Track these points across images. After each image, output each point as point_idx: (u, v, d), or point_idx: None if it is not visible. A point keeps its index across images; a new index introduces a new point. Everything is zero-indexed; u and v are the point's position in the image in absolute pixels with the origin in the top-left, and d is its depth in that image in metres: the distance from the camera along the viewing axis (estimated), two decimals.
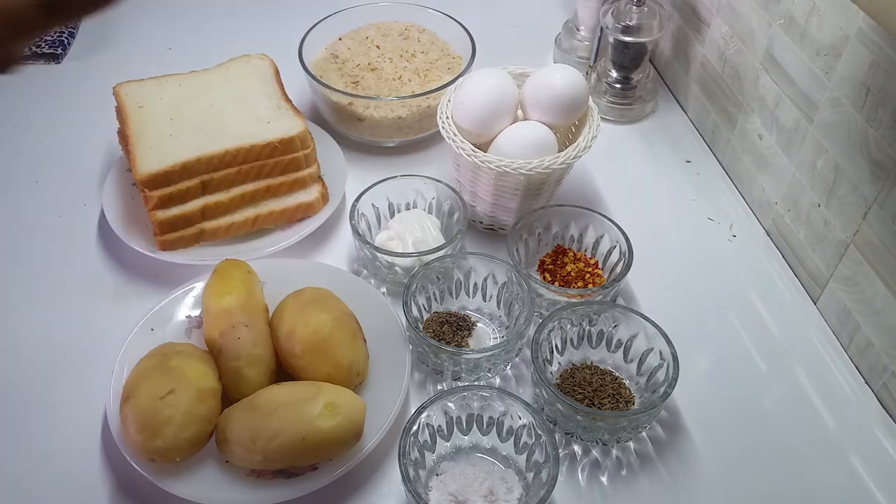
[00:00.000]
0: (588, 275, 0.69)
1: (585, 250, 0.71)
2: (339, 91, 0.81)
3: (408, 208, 0.74)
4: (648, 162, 0.85)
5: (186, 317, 0.65)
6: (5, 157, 0.83)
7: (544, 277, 0.69)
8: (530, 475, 0.55)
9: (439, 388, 0.63)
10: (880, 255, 0.60)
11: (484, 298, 0.68)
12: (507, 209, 0.72)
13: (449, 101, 0.72)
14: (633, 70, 0.87)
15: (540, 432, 0.54)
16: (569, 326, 0.63)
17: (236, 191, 0.71)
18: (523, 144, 0.68)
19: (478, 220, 0.76)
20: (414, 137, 0.84)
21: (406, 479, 0.52)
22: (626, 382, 0.62)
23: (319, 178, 0.75)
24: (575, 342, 0.64)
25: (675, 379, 0.57)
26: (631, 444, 0.60)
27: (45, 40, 0.95)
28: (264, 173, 0.72)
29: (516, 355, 0.64)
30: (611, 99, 0.89)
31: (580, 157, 0.68)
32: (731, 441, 0.60)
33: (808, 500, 0.57)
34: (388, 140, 0.84)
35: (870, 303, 0.62)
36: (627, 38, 0.84)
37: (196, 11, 1.06)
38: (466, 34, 0.87)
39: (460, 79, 0.73)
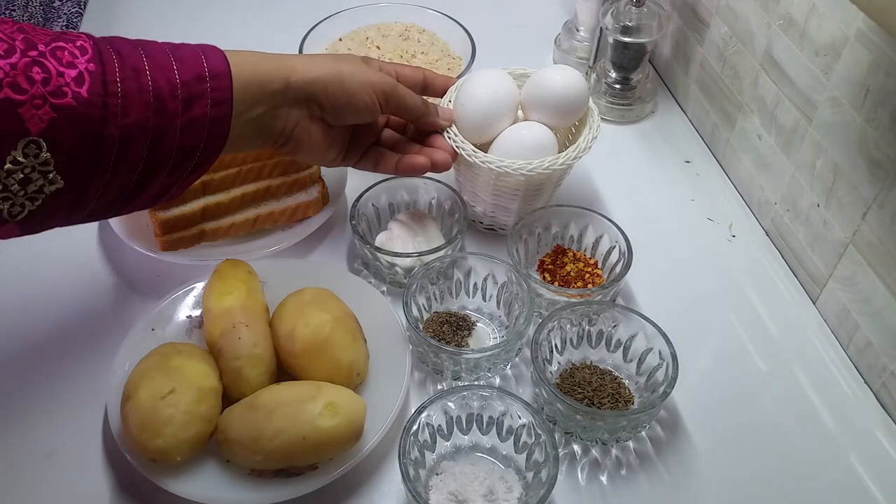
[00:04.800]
0: (588, 275, 0.69)
1: (585, 250, 0.71)
2: None
3: (408, 208, 0.75)
4: (648, 162, 0.85)
5: (187, 317, 0.65)
6: None
7: (544, 277, 0.69)
8: (530, 475, 0.55)
9: (439, 387, 0.63)
10: (879, 255, 0.60)
11: (484, 298, 0.68)
12: (507, 209, 0.72)
13: (449, 101, 0.72)
14: (632, 70, 0.88)
15: (539, 432, 0.54)
16: (568, 326, 0.63)
17: (237, 191, 0.71)
18: (523, 145, 0.69)
19: (478, 220, 0.76)
20: None
21: (406, 478, 0.52)
22: (626, 382, 0.62)
23: (320, 179, 0.75)
24: (574, 342, 0.64)
25: (675, 378, 0.57)
26: (630, 443, 0.60)
27: None
28: (265, 174, 0.72)
29: (516, 355, 0.64)
30: (610, 99, 0.89)
31: (580, 157, 0.68)
32: (730, 440, 0.61)
33: (806, 500, 0.58)
34: None
35: (869, 303, 0.62)
36: (627, 39, 0.84)
37: (196, 12, 1.06)
38: (466, 35, 0.87)
39: (460, 79, 0.73)
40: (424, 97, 0.67)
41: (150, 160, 0.49)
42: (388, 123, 0.69)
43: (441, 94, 0.71)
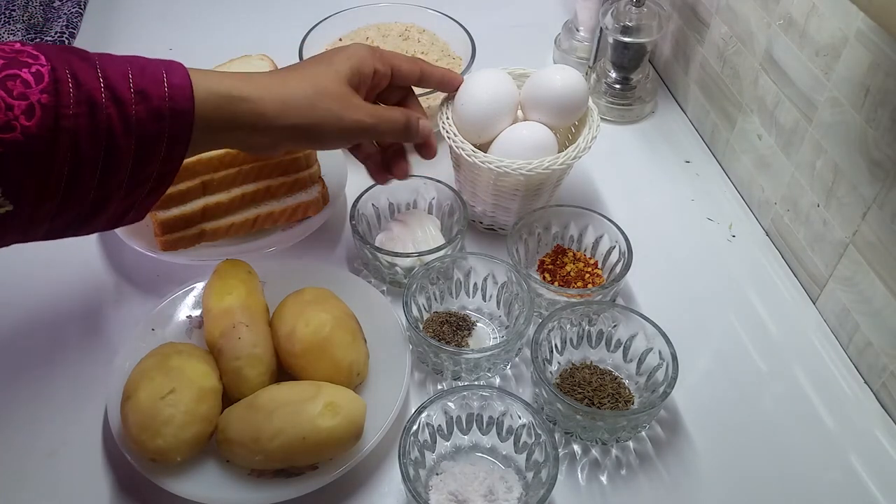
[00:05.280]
0: (588, 275, 0.69)
1: (585, 250, 0.71)
2: None
3: (408, 208, 0.75)
4: (648, 162, 0.85)
5: (187, 317, 0.65)
6: None
7: (544, 277, 0.69)
8: (530, 475, 0.55)
9: (439, 387, 0.63)
10: (879, 255, 0.60)
11: (484, 298, 0.68)
12: (507, 209, 0.72)
13: (449, 101, 0.72)
14: (632, 70, 0.88)
15: (539, 432, 0.54)
16: (568, 326, 0.63)
17: (237, 191, 0.71)
18: (523, 145, 0.69)
19: (478, 220, 0.76)
20: None
21: (406, 478, 0.52)
22: (626, 382, 0.62)
23: (320, 179, 0.75)
24: (574, 342, 0.64)
25: (675, 379, 0.57)
26: (630, 443, 0.60)
27: (46, 41, 0.95)
28: (265, 174, 0.72)
29: (516, 355, 0.64)
30: (610, 99, 0.89)
31: (580, 157, 0.68)
32: (730, 441, 0.61)
33: (806, 500, 0.58)
34: None
35: (869, 303, 0.62)
36: (627, 39, 0.84)
37: (196, 12, 1.06)
38: (466, 35, 0.87)
39: None
40: (408, 116, 0.63)
41: (102, 189, 0.47)
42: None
43: (438, 87, 0.70)
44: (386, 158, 0.66)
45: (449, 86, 0.70)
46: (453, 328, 0.65)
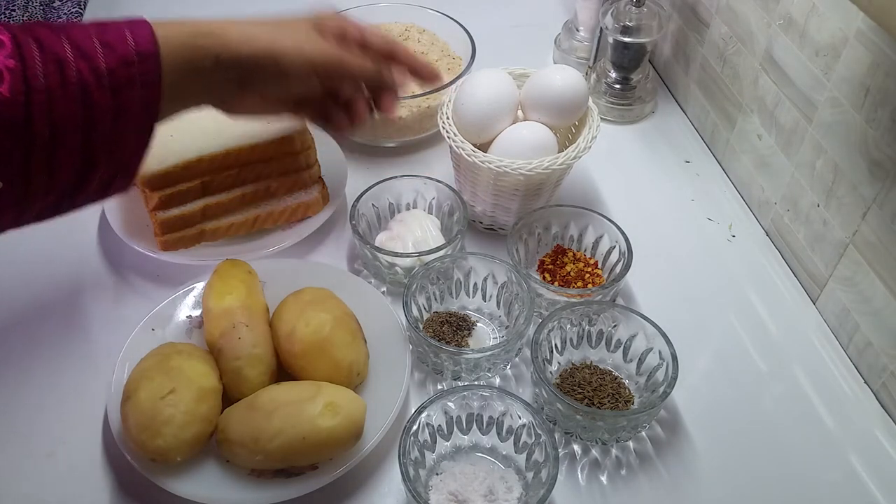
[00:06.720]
0: (588, 275, 0.69)
1: (585, 250, 0.71)
2: None
3: (408, 208, 0.75)
4: (648, 162, 0.85)
5: (187, 317, 0.65)
6: None
7: (544, 277, 0.69)
8: (530, 474, 0.55)
9: (439, 387, 0.63)
10: (879, 255, 0.60)
11: (484, 298, 0.68)
12: (507, 209, 0.72)
13: (449, 101, 0.72)
14: (632, 70, 0.88)
15: (539, 432, 0.54)
16: (568, 326, 0.63)
17: (237, 191, 0.71)
18: (523, 145, 0.69)
19: (478, 220, 0.76)
20: (414, 138, 0.84)
21: (406, 478, 0.52)
22: (626, 382, 0.62)
23: (320, 179, 0.75)
24: (574, 342, 0.64)
25: (675, 379, 0.57)
26: (630, 443, 0.60)
27: None
28: (265, 174, 0.72)
29: (516, 355, 0.64)
30: (610, 99, 0.89)
31: (580, 157, 0.68)
32: (730, 440, 0.61)
33: (806, 500, 0.58)
34: (389, 140, 0.84)
35: (869, 302, 0.62)
36: (627, 39, 0.84)
37: (195, 13, 1.05)
38: (466, 35, 0.87)
39: (460, 79, 0.73)
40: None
41: (87, 149, 0.47)
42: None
43: (411, 73, 0.64)
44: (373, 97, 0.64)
45: (423, 75, 0.65)
46: (453, 328, 0.65)
